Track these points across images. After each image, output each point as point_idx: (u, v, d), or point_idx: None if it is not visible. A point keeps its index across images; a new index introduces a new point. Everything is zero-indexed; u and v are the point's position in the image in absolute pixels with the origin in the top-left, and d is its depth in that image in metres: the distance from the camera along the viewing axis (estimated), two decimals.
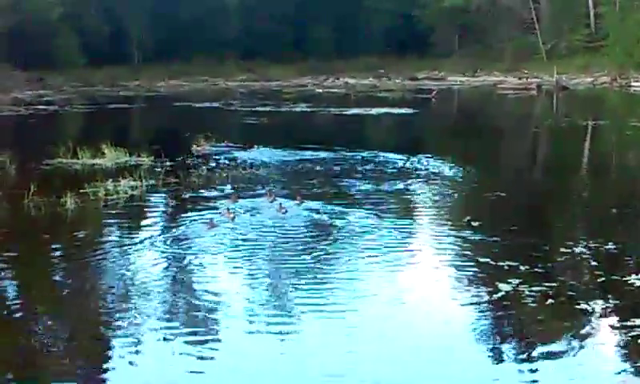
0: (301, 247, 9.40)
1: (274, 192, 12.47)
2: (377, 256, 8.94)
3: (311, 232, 10.18)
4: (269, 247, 9.48)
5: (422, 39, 67.34)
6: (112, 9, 63.08)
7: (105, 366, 6.13)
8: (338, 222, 10.54)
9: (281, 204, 11.33)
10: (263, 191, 12.71)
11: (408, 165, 15.95)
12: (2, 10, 51.89)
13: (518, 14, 62.99)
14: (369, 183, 13.64)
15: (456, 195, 12.87)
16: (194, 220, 10.87)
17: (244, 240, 9.80)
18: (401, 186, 13.44)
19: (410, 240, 9.85)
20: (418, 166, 15.80)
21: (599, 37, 56.48)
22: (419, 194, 12.92)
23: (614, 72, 48.75)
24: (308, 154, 17.45)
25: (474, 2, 62.68)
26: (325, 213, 11.10)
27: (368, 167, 15.58)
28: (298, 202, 11.66)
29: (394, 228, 10.25)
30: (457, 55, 65.55)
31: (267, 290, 7.84)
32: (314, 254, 9.05)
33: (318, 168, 15.58)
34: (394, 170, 15.23)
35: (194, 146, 18.22)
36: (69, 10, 57.71)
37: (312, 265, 8.64)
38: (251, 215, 11.16)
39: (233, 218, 10.70)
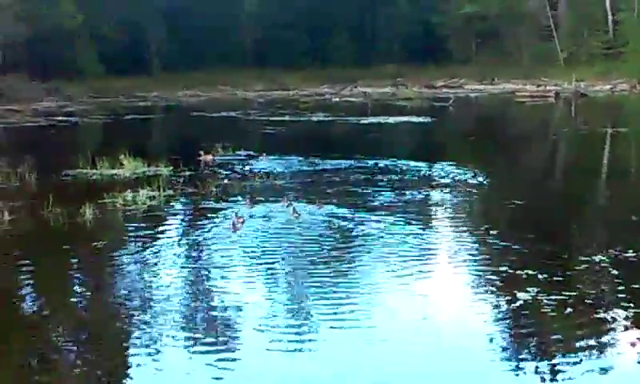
0: (319, 255, 9.43)
1: (291, 199, 12.54)
2: (395, 264, 8.93)
3: (330, 240, 10.20)
4: (288, 255, 9.53)
5: (439, 47, 67.30)
6: (130, 19, 63.42)
7: (123, 375, 6.15)
8: (356, 230, 10.58)
9: (294, 208, 11.50)
10: (280, 198, 12.75)
11: (426, 173, 15.93)
12: (21, 19, 52.26)
13: (537, 21, 62.82)
14: (386, 191, 13.62)
15: (474, 203, 12.83)
16: (212, 229, 10.92)
17: (262, 247, 9.87)
18: (419, 194, 13.42)
19: (428, 248, 9.83)
20: (436, 174, 15.78)
21: (618, 43, 56.20)
22: (437, 203, 12.89)
23: (633, 79, 48.44)
24: (326, 163, 17.47)
25: (493, 8, 62.54)
26: (343, 220, 11.13)
27: (385, 175, 15.54)
28: (317, 207, 11.77)
29: (412, 236, 10.23)
30: (474, 62, 65.39)
31: (286, 299, 7.85)
32: (333, 262, 9.09)
33: (335, 176, 15.57)
34: (412, 178, 15.20)
35: (202, 155, 18.17)
36: (88, 19, 58.05)
37: (330, 272, 8.66)
38: (267, 221, 11.26)
39: (242, 222, 10.87)
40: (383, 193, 13.51)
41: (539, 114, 37.04)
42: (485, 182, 14.93)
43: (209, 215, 11.90)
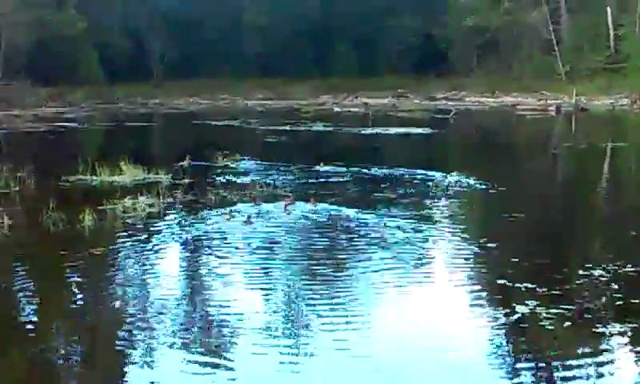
0: (317, 259, 9.59)
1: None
2: (393, 273, 8.94)
3: (329, 244, 10.37)
4: (285, 259, 9.68)
5: (441, 59, 67.40)
6: (133, 26, 63.57)
7: (121, 382, 6.14)
8: (355, 237, 10.63)
9: (285, 205, 12.41)
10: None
11: (425, 183, 15.91)
12: (24, 25, 52.35)
13: (538, 35, 62.89)
14: (386, 201, 13.61)
15: (473, 215, 12.83)
16: (210, 237, 10.94)
17: (260, 251, 10.08)
18: (418, 204, 13.40)
19: (426, 259, 9.83)
20: (436, 185, 15.75)
21: (619, 58, 56.27)
22: (436, 213, 12.87)
23: (634, 94, 48.47)
24: (326, 170, 17.59)
25: (494, 21, 62.63)
26: (341, 227, 11.24)
27: (384, 185, 15.53)
28: (312, 204, 12.47)
29: (410, 246, 10.23)
30: (476, 75, 65.46)
31: (283, 305, 7.86)
32: (331, 267, 9.20)
33: (335, 183, 15.58)
34: (411, 188, 15.17)
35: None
36: (91, 26, 58.14)
37: (327, 278, 8.75)
38: (267, 225, 11.48)
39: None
40: (382, 202, 13.49)
41: (540, 127, 37.05)
42: (484, 194, 14.91)
43: (207, 223, 11.90)
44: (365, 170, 17.78)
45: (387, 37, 70.20)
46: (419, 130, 31.07)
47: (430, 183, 15.99)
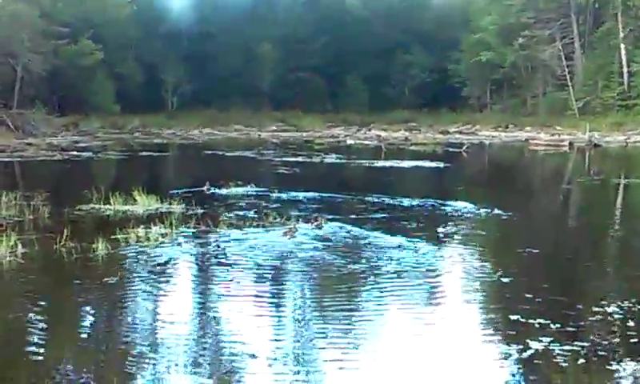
0: (327, 287, 9.69)
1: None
2: (405, 309, 8.92)
3: (337, 273, 10.42)
4: (297, 291, 9.72)
5: (454, 93, 67.76)
6: (149, 57, 64.11)
7: None
8: (365, 269, 10.59)
9: (290, 229, 12.97)
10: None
11: (438, 215, 15.88)
12: (40, 54, 52.91)
13: (552, 71, 63.08)
14: (398, 233, 13.56)
15: (486, 250, 12.77)
16: (223, 267, 10.96)
17: (271, 282, 10.14)
18: (431, 238, 13.36)
19: (439, 294, 9.79)
20: (448, 217, 15.72)
21: (633, 95, 56.31)
22: (450, 247, 12.83)
23: None
24: (338, 199, 17.68)
25: (509, 57, 62.87)
26: (352, 257, 11.19)
27: (397, 215, 15.51)
28: (312, 225, 13.21)
29: (423, 281, 10.19)
30: (489, 110, 65.67)
31: (293, 339, 7.82)
32: (339, 296, 9.28)
33: (346, 206, 15.58)
34: (424, 223, 15.14)
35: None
36: (107, 56, 58.69)
37: (335, 307, 8.79)
38: (277, 254, 11.55)
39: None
40: (394, 234, 13.45)
41: (553, 162, 37.03)
42: (498, 228, 14.88)
43: (219, 253, 11.91)
44: (375, 199, 17.79)
45: (399, 72, 70.65)
46: (432, 164, 31.11)
47: (444, 216, 15.95)
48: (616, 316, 8.57)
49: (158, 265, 11.21)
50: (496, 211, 16.54)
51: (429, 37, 71.43)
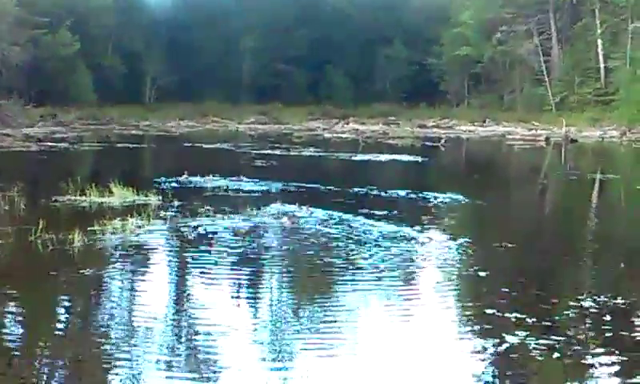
0: (309, 275, 9.81)
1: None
2: (381, 302, 8.94)
3: (310, 264, 10.47)
4: (275, 281, 9.79)
5: (433, 88, 67.96)
6: (128, 48, 63.73)
7: None
8: (341, 262, 10.62)
9: (288, 217, 13.32)
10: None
11: (415, 212, 15.91)
12: (18, 45, 52.43)
13: (529, 66, 63.43)
14: (375, 226, 13.57)
15: (462, 245, 12.80)
16: (199, 258, 10.94)
17: (250, 271, 10.23)
18: (406, 233, 13.37)
19: (415, 288, 9.82)
20: (425, 213, 15.74)
21: (609, 91, 56.77)
22: (425, 243, 12.84)
23: (623, 126, 48.84)
24: (316, 191, 17.65)
25: (487, 52, 63.16)
26: (329, 251, 11.17)
27: (372, 211, 15.51)
28: (288, 223, 13.15)
29: (399, 275, 10.22)
30: (467, 104, 65.96)
31: (272, 328, 7.82)
32: (318, 289, 9.29)
33: (323, 199, 15.57)
34: (400, 217, 15.15)
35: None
36: (86, 47, 58.27)
37: (315, 299, 8.81)
38: (259, 244, 11.65)
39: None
40: (371, 230, 13.46)
41: (529, 157, 37.22)
42: (474, 223, 14.94)
43: (196, 244, 11.88)
44: (353, 191, 17.80)
45: (380, 65, 70.74)
46: (409, 158, 31.18)
47: (420, 209, 15.99)
48: (591, 310, 8.63)
49: (135, 255, 11.17)
50: (472, 206, 16.61)
51: (411, 30, 71.56)
